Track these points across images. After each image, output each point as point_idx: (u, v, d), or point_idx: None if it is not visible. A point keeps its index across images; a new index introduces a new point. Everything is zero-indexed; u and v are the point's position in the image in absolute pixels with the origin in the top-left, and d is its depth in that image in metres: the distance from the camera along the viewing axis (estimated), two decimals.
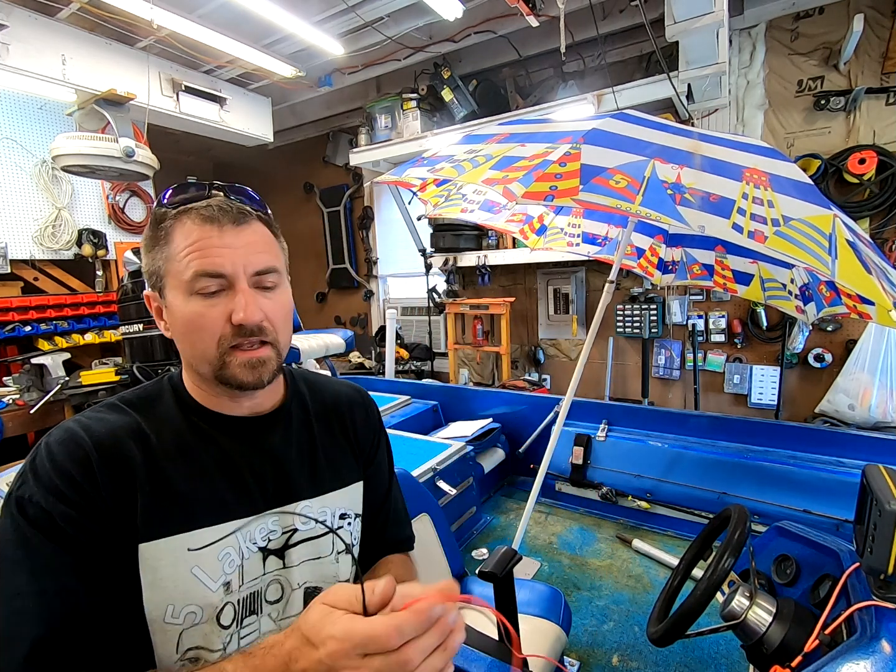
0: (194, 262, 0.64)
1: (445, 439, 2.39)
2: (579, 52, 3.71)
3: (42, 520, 0.57)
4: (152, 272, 0.69)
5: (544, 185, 0.94)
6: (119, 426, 0.66)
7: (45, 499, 0.58)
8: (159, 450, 0.66)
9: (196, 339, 0.66)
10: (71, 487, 0.59)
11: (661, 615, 1.03)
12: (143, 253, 0.71)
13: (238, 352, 0.67)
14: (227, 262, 0.65)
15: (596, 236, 2.14)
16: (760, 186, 0.95)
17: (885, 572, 0.77)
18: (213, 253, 0.64)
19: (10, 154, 3.36)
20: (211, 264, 0.64)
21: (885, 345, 2.92)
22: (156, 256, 0.68)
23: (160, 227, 0.67)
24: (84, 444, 0.62)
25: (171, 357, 3.24)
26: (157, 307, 0.72)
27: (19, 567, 0.56)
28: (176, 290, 0.66)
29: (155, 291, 0.70)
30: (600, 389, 4.03)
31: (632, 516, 2.30)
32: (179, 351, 0.71)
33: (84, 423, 0.65)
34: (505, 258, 4.06)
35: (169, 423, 0.70)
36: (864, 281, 0.88)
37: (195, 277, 0.64)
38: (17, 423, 3.01)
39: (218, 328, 0.65)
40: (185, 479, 0.66)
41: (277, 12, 2.91)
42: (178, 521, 0.65)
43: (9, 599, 0.55)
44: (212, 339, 0.66)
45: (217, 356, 0.66)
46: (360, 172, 5.20)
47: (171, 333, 0.71)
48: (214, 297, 0.65)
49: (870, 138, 3.00)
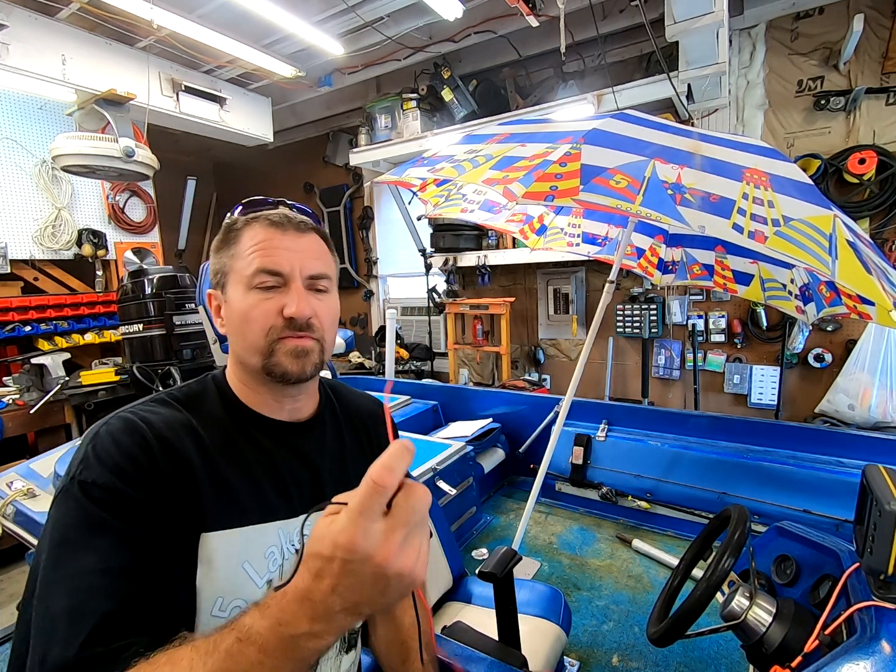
0: (257, 260, 0.71)
1: (445, 439, 2.39)
2: (579, 52, 3.70)
3: (108, 501, 0.59)
4: (217, 270, 0.76)
5: (545, 185, 0.94)
6: (174, 420, 0.68)
7: (112, 482, 0.59)
8: (210, 446, 0.69)
9: (248, 330, 0.71)
10: (137, 471, 0.61)
11: (661, 615, 1.03)
12: (212, 255, 0.78)
13: (286, 339, 0.71)
14: (285, 261, 0.72)
15: (596, 236, 2.14)
16: (761, 187, 0.95)
17: (885, 572, 0.77)
18: (275, 253, 0.71)
19: (10, 154, 3.36)
20: (271, 262, 0.71)
21: (885, 345, 2.92)
22: (222, 256, 0.75)
23: (231, 231, 0.75)
24: (146, 433, 0.64)
25: (171, 357, 3.24)
26: (217, 305, 0.77)
27: (86, 547, 0.57)
28: (237, 285, 0.72)
29: (217, 290, 0.77)
30: (600, 389, 4.03)
31: (632, 516, 2.30)
32: (231, 345, 0.75)
33: (140, 415, 0.67)
34: (505, 258, 4.06)
35: (215, 421, 0.72)
36: (865, 281, 0.88)
37: (256, 273, 0.70)
38: (17, 423, 3.00)
39: (270, 319, 0.70)
40: (236, 477, 0.69)
41: (277, 12, 2.91)
42: (233, 516, 0.67)
43: (77, 577, 0.55)
44: (262, 329, 0.70)
45: (266, 345, 0.70)
46: (360, 172, 5.19)
47: (227, 329, 0.75)
48: (270, 292, 0.71)
49: (870, 138, 3.00)
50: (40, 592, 0.56)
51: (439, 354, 4.79)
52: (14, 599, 2.32)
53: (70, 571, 0.56)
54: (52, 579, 0.56)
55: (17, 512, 1.70)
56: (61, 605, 0.54)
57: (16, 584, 2.80)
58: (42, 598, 0.56)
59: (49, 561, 0.57)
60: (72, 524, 0.58)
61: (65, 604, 0.54)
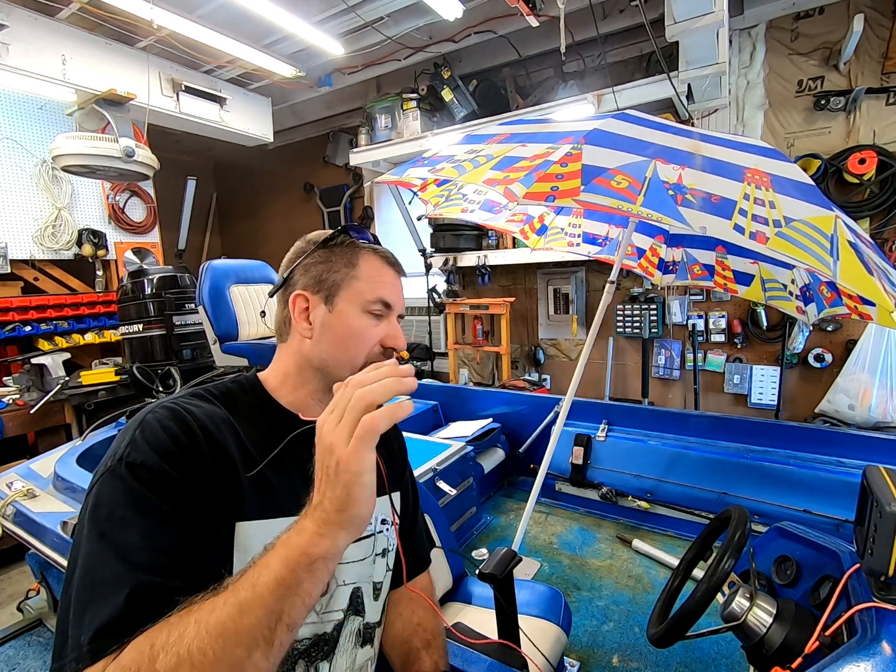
0: (380, 290, 0.81)
1: (445, 439, 2.38)
2: (579, 52, 3.70)
3: (155, 483, 0.61)
4: (323, 280, 0.81)
5: (545, 185, 0.94)
6: (214, 414, 0.72)
7: (159, 464, 0.62)
8: (248, 441, 0.73)
9: (352, 346, 0.79)
10: (183, 456, 0.64)
11: (661, 616, 1.03)
12: (317, 261, 0.83)
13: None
14: (395, 298, 0.83)
15: (596, 236, 2.14)
16: (762, 187, 0.95)
17: (885, 574, 0.77)
18: (390, 289, 0.83)
19: (10, 154, 3.35)
20: (389, 295, 0.82)
21: (885, 345, 2.92)
22: (335, 269, 0.81)
23: (348, 249, 0.83)
24: (191, 423, 0.67)
25: (171, 357, 3.24)
26: (306, 308, 0.82)
27: (130, 525, 0.59)
28: (352, 304, 0.80)
29: (315, 295, 0.81)
30: (600, 389, 4.03)
31: (632, 516, 2.30)
32: (316, 354, 0.80)
33: (183, 406, 0.70)
34: (505, 258, 4.05)
35: (251, 420, 0.76)
36: (866, 282, 0.87)
37: (377, 300, 0.80)
38: (17, 423, 3.00)
39: (372, 343, 0.80)
40: (270, 471, 0.73)
41: (277, 12, 2.90)
42: (270, 507, 0.71)
43: (120, 551, 0.57)
44: (364, 350, 0.79)
45: (359, 365, 0.77)
46: (360, 172, 5.19)
47: (316, 335, 0.80)
48: (377, 320, 0.81)
49: (870, 138, 3.00)
50: (84, 563, 0.58)
51: (439, 354, 4.79)
52: (14, 599, 2.32)
53: (116, 545, 0.57)
54: (96, 550, 0.58)
55: (17, 512, 1.70)
56: (108, 573, 0.56)
57: (16, 584, 2.79)
58: (87, 569, 0.57)
59: (93, 534, 0.59)
60: (119, 502, 0.60)
61: (111, 572, 0.56)
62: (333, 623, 0.78)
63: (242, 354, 2.80)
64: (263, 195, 6.21)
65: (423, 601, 0.96)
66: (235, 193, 6.55)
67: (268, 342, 2.99)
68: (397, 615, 0.94)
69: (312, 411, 0.80)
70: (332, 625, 0.78)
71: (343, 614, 0.80)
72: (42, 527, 1.58)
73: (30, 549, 1.64)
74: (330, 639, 0.78)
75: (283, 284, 0.84)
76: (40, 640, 1.72)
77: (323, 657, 0.76)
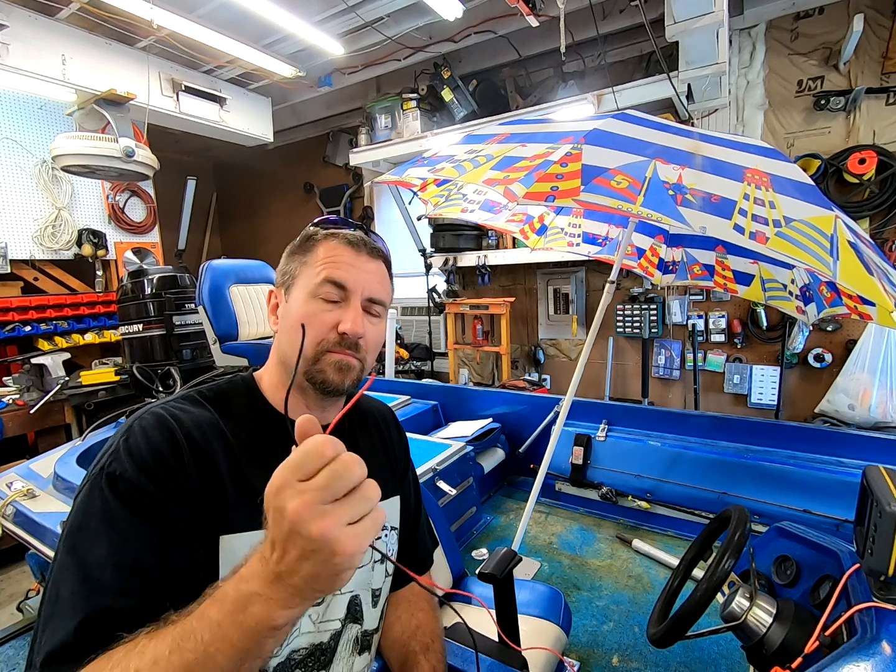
0: (326, 271, 0.75)
1: (445, 439, 2.38)
2: (579, 52, 3.70)
3: (131, 496, 0.60)
4: (286, 272, 0.80)
5: (545, 185, 0.94)
6: (203, 420, 0.69)
7: (137, 477, 0.60)
8: (236, 448, 0.70)
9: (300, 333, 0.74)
10: (163, 469, 0.62)
11: (661, 616, 1.03)
12: (285, 258, 0.82)
13: (332, 353, 0.75)
14: (351, 278, 0.76)
15: (596, 236, 2.14)
16: (762, 187, 0.95)
17: (885, 574, 0.77)
18: (345, 268, 0.76)
19: (10, 154, 3.36)
20: (339, 275, 0.75)
21: (885, 345, 2.92)
22: (294, 261, 0.80)
23: (309, 240, 0.80)
24: (176, 431, 0.65)
25: (171, 357, 3.24)
26: (276, 304, 0.81)
27: (101, 539, 0.57)
28: (301, 290, 0.76)
29: (280, 289, 0.81)
30: (600, 389, 4.03)
31: (632, 516, 2.30)
32: (278, 346, 0.78)
33: (171, 412, 0.68)
34: (505, 258, 4.06)
35: (242, 423, 0.74)
36: (866, 282, 0.87)
37: (323, 282, 0.74)
38: (17, 423, 3.00)
39: (325, 330, 0.74)
40: (259, 479, 0.69)
41: (277, 12, 2.91)
42: (256, 518, 0.67)
43: (84, 567, 0.56)
44: (315, 338, 0.73)
45: (314, 354, 0.74)
46: (360, 172, 5.19)
47: (279, 328, 0.79)
48: (330, 305, 0.75)
49: (870, 138, 3.00)
50: (53, 575, 0.57)
51: (439, 354, 4.79)
52: (14, 599, 2.32)
53: (82, 561, 0.57)
54: (64, 564, 0.57)
55: (17, 512, 1.69)
56: (68, 591, 0.55)
57: (16, 584, 2.79)
58: (54, 581, 0.57)
59: (65, 545, 0.58)
60: (92, 513, 0.59)
61: (71, 591, 0.55)
62: (331, 632, 0.77)
63: (242, 354, 2.80)
64: (263, 195, 6.21)
65: (423, 604, 0.96)
66: (235, 193, 6.55)
67: (267, 342, 2.99)
68: (396, 618, 0.92)
69: (300, 413, 0.78)
70: (329, 634, 0.76)
71: (341, 623, 0.78)
72: (42, 527, 1.57)
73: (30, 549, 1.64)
74: (327, 648, 0.76)
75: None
76: None
77: (320, 667, 0.75)
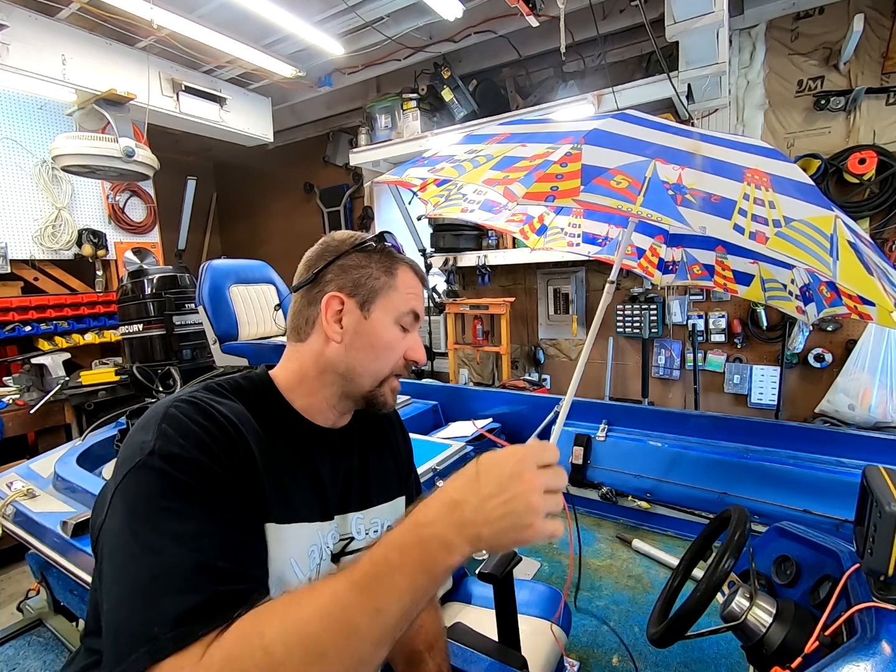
0: (414, 303, 0.82)
1: (445, 439, 2.38)
2: (579, 52, 3.70)
3: (195, 470, 0.57)
4: (362, 284, 0.78)
5: (545, 185, 0.94)
6: (236, 410, 0.68)
7: (196, 455, 0.58)
8: (265, 440, 0.69)
9: (382, 356, 0.79)
10: (219, 448, 0.61)
11: (660, 616, 1.03)
12: (355, 263, 0.80)
13: (394, 378, 0.81)
14: (422, 312, 0.85)
15: (596, 236, 2.14)
16: (762, 187, 0.95)
17: (885, 574, 0.77)
18: (420, 303, 0.84)
19: (10, 154, 3.36)
20: (420, 309, 0.84)
21: (885, 345, 2.91)
22: (374, 276, 0.79)
23: (385, 256, 0.82)
24: (217, 416, 0.64)
25: (171, 357, 3.24)
26: (339, 310, 0.78)
27: (180, 515, 0.55)
28: (386, 313, 0.79)
29: (350, 298, 0.78)
30: (600, 389, 4.03)
31: (632, 516, 2.30)
32: (343, 359, 0.77)
33: (206, 401, 0.66)
34: (505, 258, 4.06)
35: (267, 420, 0.73)
36: (866, 282, 0.87)
37: (410, 312, 0.81)
38: (17, 423, 3.00)
39: (399, 355, 0.80)
40: (285, 473, 0.70)
41: (277, 12, 2.91)
42: (287, 511, 0.69)
43: (179, 539, 0.53)
44: (391, 361, 0.79)
45: (384, 376, 0.79)
46: (360, 172, 5.19)
47: (347, 342, 0.77)
48: (406, 333, 0.81)
49: (870, 138, 3.00)
50: (134, 560, 0.52)
51: (439, 354, 4.79)
52: (14, 599, 2.32)
53: (172, 534, 0.53)
54: (148, 545, 0.53)
55: (17, 512, 1.70)
56: (170, 563, 0.51)
57: (16, 584, 2.79)
58: (140, 566, 0.52)
59: (140, 531, 0.54)
60: (157, 494, 0.55)
61: (175, 561, 0.52)
62: None
63: (242, 354, 2.80)
64: (263, 195, 6.21)
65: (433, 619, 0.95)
66: (235, 193, 6.55)
67: (268, 342, 2.99)
68: None
69: (324, 416, 0.79)
70: None
71: None
72: (42, 527, 1.57)
73: (30, 549, 1.64)
74: None
75: (311, 281, 0.79)
76: (40, 640, 1.71)
77: None
